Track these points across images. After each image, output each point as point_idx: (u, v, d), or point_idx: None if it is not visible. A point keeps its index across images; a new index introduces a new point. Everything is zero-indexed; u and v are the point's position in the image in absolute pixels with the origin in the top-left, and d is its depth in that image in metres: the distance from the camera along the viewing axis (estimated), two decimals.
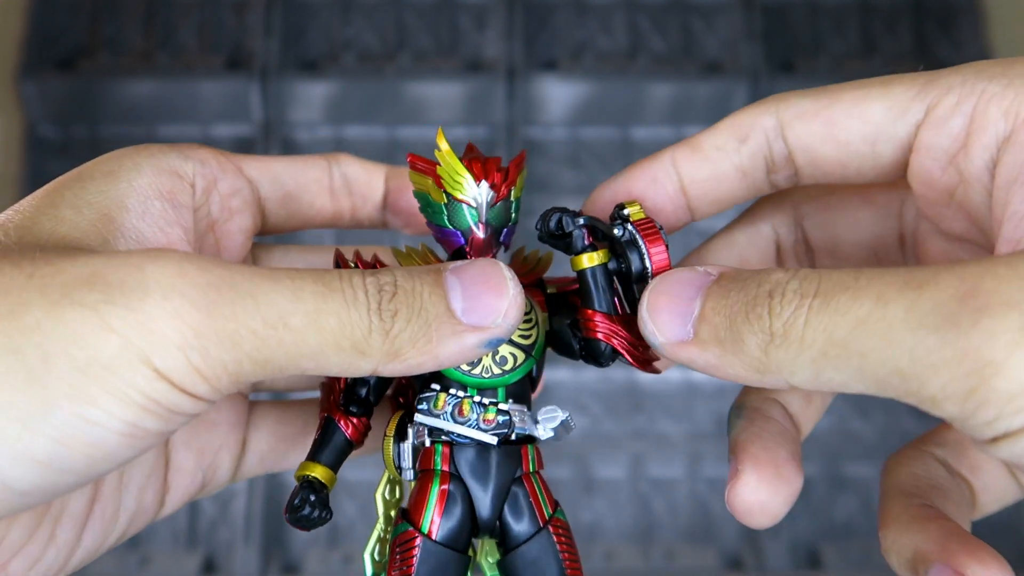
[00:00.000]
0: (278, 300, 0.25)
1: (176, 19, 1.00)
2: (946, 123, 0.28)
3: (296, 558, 0.89)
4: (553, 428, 0.31)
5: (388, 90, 0.96)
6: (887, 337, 0.22)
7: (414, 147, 0.99)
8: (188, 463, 0.33)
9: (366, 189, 0.36)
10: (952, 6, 1.01)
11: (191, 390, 0.24)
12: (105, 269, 0.24)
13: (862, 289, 0.23)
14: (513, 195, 0.31)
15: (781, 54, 1.00)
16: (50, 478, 0.23)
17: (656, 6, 1.02)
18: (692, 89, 0.97)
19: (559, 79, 0.97)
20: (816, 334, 0.24)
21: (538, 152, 0.99)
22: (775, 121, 0.31)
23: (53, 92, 0.96)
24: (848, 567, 0.88)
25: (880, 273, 0.23)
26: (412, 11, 1.01)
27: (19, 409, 0.23)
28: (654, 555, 0.88)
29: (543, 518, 0.30)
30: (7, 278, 0.24)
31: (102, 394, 0.23)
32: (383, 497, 0.32)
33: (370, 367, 0.26)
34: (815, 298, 0.24)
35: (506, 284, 0.28)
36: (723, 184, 0.32)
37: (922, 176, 0.29)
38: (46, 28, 0.98)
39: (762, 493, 0.29)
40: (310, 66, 0.98)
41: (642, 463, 0.92)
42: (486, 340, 0.27)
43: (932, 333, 0.21)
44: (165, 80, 0.96)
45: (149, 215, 0.29)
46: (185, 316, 0.23)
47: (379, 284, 0.26)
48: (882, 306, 0.22)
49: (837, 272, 0.24)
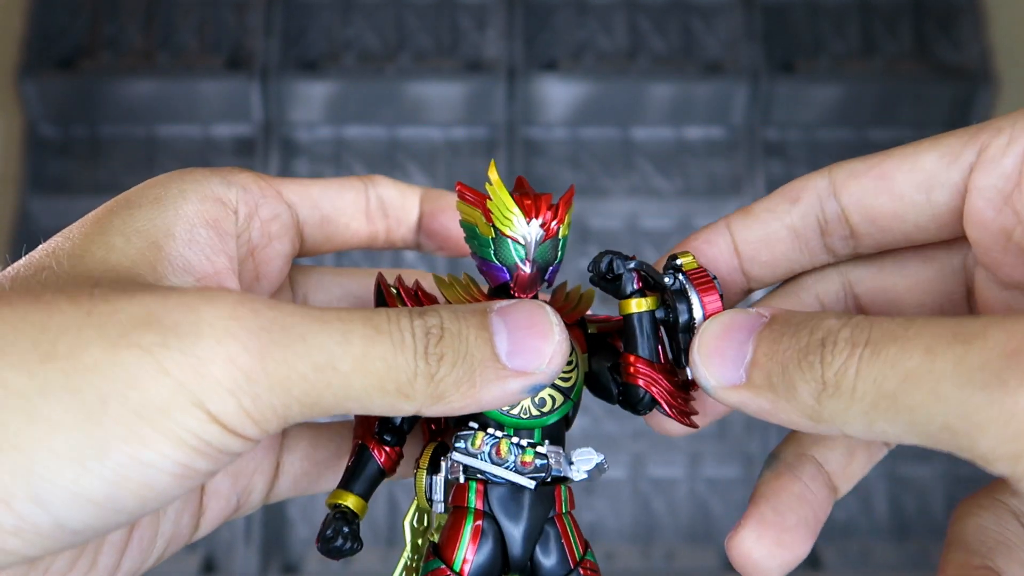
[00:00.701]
0: (327, 344, 0.25)
1: (176, 19, 1.00)
2: (998, 163, 0.28)
3: (296, 558, 0.89)
4: (587, 471, 0.31)
5: (388, 90, 0.96)
6: (935, 392, 0.22)
7: (414, 147, 0.99)
8: (224, 487, 0.34)
9: (401, 212, 0.36)
10: (952, 6, 1.01)
11: (241, 432, 0.24)
12: (161, 310, 0.24)
13: (911, 340, 0.23)
14: (561, 233, 0.31)
15: (781, 54, 1.00)
16: (103, 518, 0.24)
17: (656, 6, 1.02)
18: (692, 89, 0.97)
19: (559, 79, 0.97)
20: (867, 386, 0.23)
21: (538, 152, 0.99)
22: (827, 182, 0.31)
23: (53, 92, 0.96)
24: (848, 567, 0.88)
25: (931, 323, 0.23)
26: (412, 11, 1.01)
27: (77, 450, 0.23)
28: (654, 555, 0.88)
29: (574, 559, 0.30)
30: (65, 316, 0.24)
31: (156, 436, 0.23)
32: (411, 525, 0.32)
33: (413, 408, 0.26)
34: (866, 347, 0.24)
35: (552, 329, 0.28)
36: (776, 246, 0.32)
37: (976, 219, 0.29)
38: (46, 28, 0.98)
39: (757, 553, 0.29)
40: (310, 66, 0.98)
41: (642, 463, 0.92)
42: (529, 386, 0.27)
43: (980, 391, 0.21)
44: (165, 80, 0.96)
45: (195, 243, 0.30)
46: (237, 360, 0.24)
47: (427, 327, 0.26)
48: (931, 359, 0.22)
49: (888, 320, 0.24)
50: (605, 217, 0.96)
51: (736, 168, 0.98)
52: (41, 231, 0.95)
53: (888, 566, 0.88)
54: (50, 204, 0.95)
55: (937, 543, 0.90)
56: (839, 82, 0.97)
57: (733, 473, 0.92)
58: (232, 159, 0.98)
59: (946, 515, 0.92)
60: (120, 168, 0.97)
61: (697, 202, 0.97)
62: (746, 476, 0.91)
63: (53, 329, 0.24)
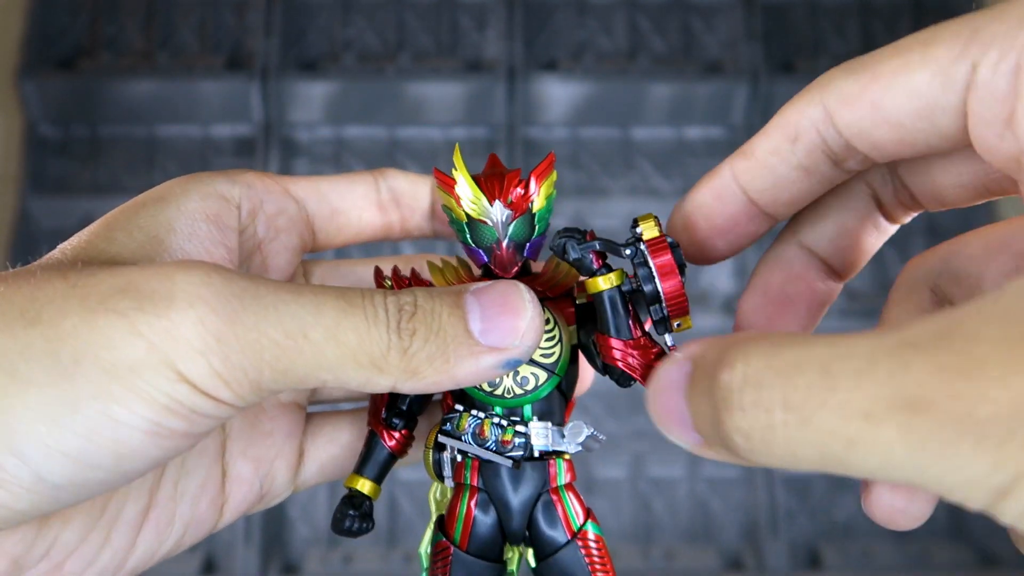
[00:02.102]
0: (299, 313, 0.26)
1: (176, 19, 1.00)
2: (991, 85, 0.25)
3: (296, 558, 0.89)
4: (579, 443, 0.31)
5: (388, 90, 0.96)
6: (889, 461, 0.21)
7: (414, 147, 0.99)
8: (246, 472, 0.34)
9: (412, 201, 0.37)
10: (952, 6, 1.01)
11: (213, 393, 0.25)
12: (139, 279, 0.26)
13: (842, 405, 0.21)
14: (536, 207, 0.31)
15: (781, 54, 1.00)
16: (81, 473, 0.25)
17: (656, 6, 1.02)
18: (692, 89, 0.97)
19: (559, 79, 0.97)
20: (806, 451, 0.22)
21: (538, 152, 0.99)
22: (822, 111, 0.29)
23: (53, 92, 0.96)
24: (848, 567, 0.88)
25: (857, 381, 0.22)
26: (412, 11, 1.01)
27: (50, 406, 0.24)
28: (654, 555, 0.88)
29: (571, 531, 0.31)
30: (52, 288, 0.26)
31: (125, 393, 0.25)
32: (434, 498, 0.34)
33: (388, 383, 0.27)
34: (786, 413, 0.22)
35: (525, 306, 0.29)
36: (791, 187, 0.31)
37: (982, 143, 0.27)
38: (46, 28, 0.98)
39: (898, 500, 0.28)
40: (310, 66, 0.98)
41: (642, 463, 0.92)
42: (503, 361, 0.28)
43: (936, 462, 0.21)
44: (165, 80, 0.96)
45: (196, 237, 0.31)
46: (208, 323, 0.25)
47: (399, 303, 0.27)
48: (873, 428, 0.21)
49: (802, 378, 0.22)
50: (605, 217, 0.96)
51: None
52: (41, 231, 0.95)
53: (888, 566, 0.88)
54: (50, 204, 0.95)
55: (937, 543, 0.90)
56: None
57: (733, 473, 0.92)
58: (232, 159, 0.98)
59: (946, 515, 0.92)
60: (120, 168, 0.97)
61: None
62: (746, 476, 0.91)
63: (40, 299, 0.25)
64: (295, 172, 0.98)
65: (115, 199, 0.94)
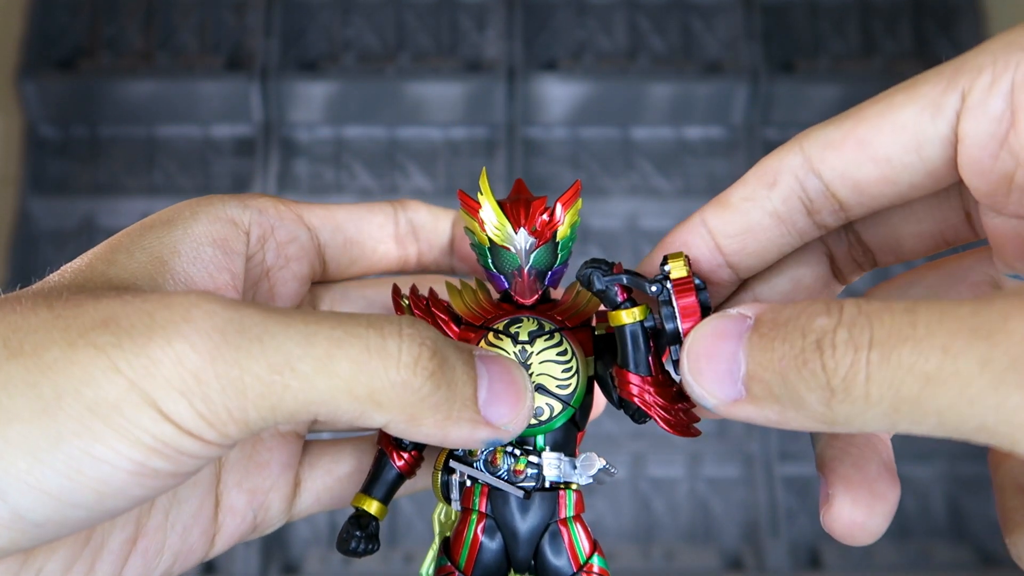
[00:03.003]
0: (286, 344, 0.24)
1: (176, 19, 1.00)
2: (986, 106, 0.26)
3: (296, 558, 0.89)
4: (591, 476, 0.31)
5: (388, 90, 0.96)
6: (965, 395, 0.21)
7: (414, 147, 0.99)
8: (240, 504, 0.33)
9: (432, 235, 0.36)
10: (952, 6, 1.01)
11: (197, 433, 0.24)
12: (120, 312, 0.25)
13: (923, 340, 0.21)
14: (560, 235, 0.31)
15: (781, 54, 1.00)
16: (61, 511, 0.24)
17: (656, 6, 1.02)
18: (692, 89, 0.97)
19: (559, 79, 0.97)
20: (882, 391, 0.22)
21: (538, 152, 0.99)
22: (801, 158, 0.29)
23: (53, 92, 0.96)
24: (848, 567, 0.88)
25: (939, 317, 0.21)
26: (412, 11, 1.01)
27: (31, 442, 0.23)
28: (654, 555, 0.88)
29: (576, 563, 0.31)
30: (37, 317, 0.25)
31: (108, 432, 0.24)
32: (439, 519, 0.34)
33: (383, 420, 0.26)
34: (871, 350, 0.22)
35: (527, 392, 0.28)
36: (760, 235, 0.30)
37: (973, 168, 0.26)
38: (46, 28, 0.98)
39: (858, 514, 0.28)
40: (310, 66, 0.98)
41: (642, 463, 0.92)
42: (493, 439, 0.27)
43: (1015, 391, 0.20)
44: (165, 80, 0.96)
45: (200, 261, 0.30)
46: (186, 362, 0.24)
47: (420, 337, 0.26)
48: (952, 361, 0.21)
49: (888, 316, 0.22)
50: (605, 217, 0.96)
51: (736, 168, 0.98)
52: (41, 231, 0.95)
53: (888, 566, 0.88)
54: (50, 204, 0.95)
55: (937, 543, 0.90)
56: (839, 82, 0.97)
57: (733, 473, 0.92)
58: (232, 159, 0.98)
59: (946, 515, 0.92)
60: (120, 168, 0.97)
61: (697, 202, 0.97)
62: (746, 476, 0.91)
63: (24, 329, 0.24)
64: (295, 172, 0.98)
65: (115, 199, 0.95)
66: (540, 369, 0.31)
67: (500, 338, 0.31)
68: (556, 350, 0.31)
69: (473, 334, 0.31)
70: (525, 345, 0.31)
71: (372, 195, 0.96)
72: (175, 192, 0.96)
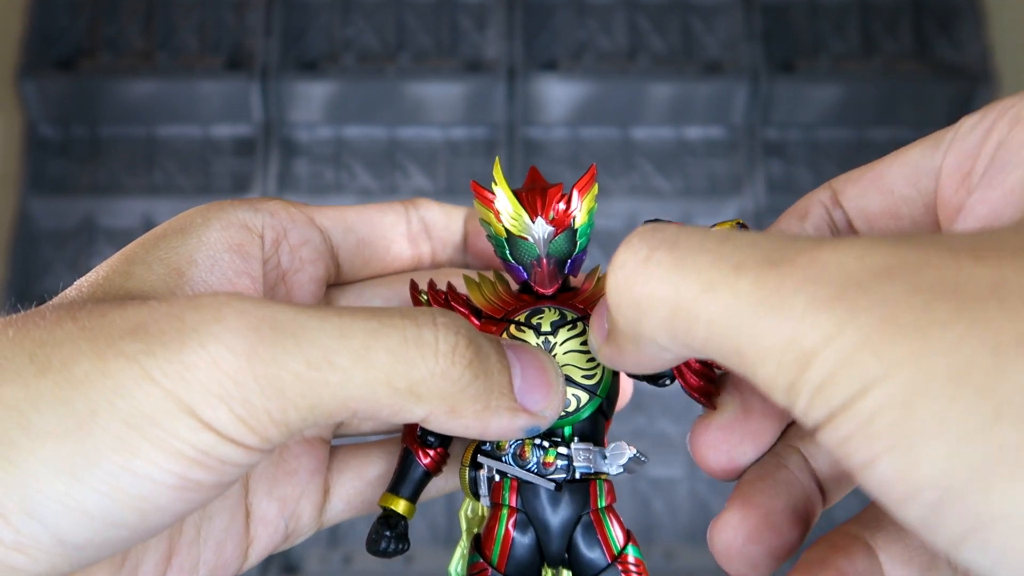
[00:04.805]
0: (321, 338, 0.24)
1: (176, 19, 1.00)
2: (963, 142, 0.27)
3: (296, 558, 0.89)
4: (622, 465, 0.30)
5: (388, 90, 0.96)
6: (731, 309, 0.20)
7: (414, 147, 0.99)
8: (271, 513, 0.33)
9: (445, 233, 0.36)
10: (952, 6, 1.01)
11: (239, 440, 0.23)
12: (148, 319, 0.24)
13: (723, 256, 0.21)
14: (578, 223, 0.30)
15: (781, 54, 1.00)
16: (103, 532, 0.23)
17: (656, 6, 1.02)
18: (692, 89, 0.97)
19: (559, 79, 0.97)
20: (665, 292, 0.22)
21: (538, 152, 0.99)
22: (829, 192, 0.30)
23: (53, 92, 0.96)
24: None
25: (752, 241, 0.21)
26: (412, 11, 1.01)
27: (67, 461, 0.22)
28: (654, 555, 0.88)
29: (611, 554, 0.30)
30: (62, 331, 0.24)
31: (147, 446, 0.23)
32: (466, 515, 0.33)
33: (423, 413, 0.25)
34: (667, 252, 0.22)
35: (559, 377, 0.28)
36: None
37: (940, 201, 0.27)
38: (46, 28, 0.98)
39: (741, 537, 0.27)
40: (310, 66, 0.98)
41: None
42: (532, 426, 0.27)
43: (768, 315, 0.20)
44: (165, 80, 0.96)
45: (218, 267, 0.30)
46: (223, 364, 0.23)
47: (456, 327, 0.25)
48: (735, 276, 0.21)
49: (702, 234, 0.22)
50: (605, 217, 0.96)
51: (736, 168, 0.98)
52: (41, 231, 0.95)
53: None
54: (50, 204, 0.95)
55: None
56: (839, 82, 0.97)
57: None
58: (232, 159, 0.98)
59: None
60: (120, 168, 0.97)
61: (697, 202, 0.97)
62: None
63: (50, 343, 0.23)
64: (295, 172, 0.98)
65: (115, 199, 0.95)
66: (565, 360, 0.30)
67: (522, 330, 0.31)
68: (580, 339, 0.30)
69: (494, 327, 0.31)
70: (548, 336, 0.30)
71: (372, 195, 0.96)
72: (175, 192, 0.96)
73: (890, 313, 0.18)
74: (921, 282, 0.19)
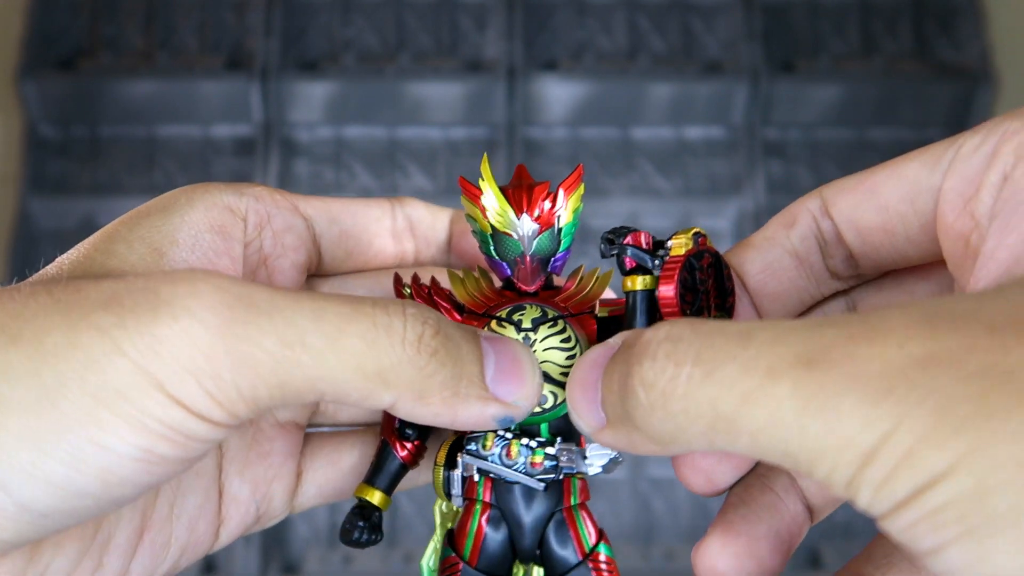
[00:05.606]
0: (297, 319, 0.24)
1: (176, 19, 1.00)
2: (965, 165, 0.26)
3: (296, 558, 0.89)
4: (602, 466, 0.31)
5: (388, 90, 0.96)
6: (775, 417, 0.20)
7: (414, 147, 0.99)
8: (243, 494, 0.33)
9: (430, 232, 0.36)
10: (952, 6, 1.01)
11: (207, 415, 0.24)
12: (123, 292, 0.24)
13: (750, 361, 0.21)
14: (563, 221, 0.31)
15: (781, 54, 1.00)
16: (68, 501, 0.23)
17: (656, 6, 1.02)
18: (692, 89, 0.97)
19: (559, 79, 0.97)
20: (701, 407, 0.22)
21: (538, 152, 0.99)
22: (819, 200, 0.30)
23: (53, 92, 0.96)
24: None
25: (772, 339, 0.21)
26: (412, 11, 1.01)
27: (33, 433, 0.23)
28: (654, 555, 0.88)
29: (582, 551, 0.31)
30: (37, 303, 0.24)
31: (114, 419, 0.23)
32: (440, 510, 0.33)
33: (390, 400, 0.25)
34: (694, 366, 0.22)
35: (534, 368, 0.28)
36: (780, 274, 0.31)
37: (941, 225, 0.27)
38: (46, 28, 0.98)
39: (723, 562, 0.27)
40: (310, 66, 0.98)
41: (642, 463, 0.92)
42: (504, 416, 0.27)
43: (815, 418, 0.20)
44: (165, 80, 0.96)
45: (199, 248, 0.30)
46: (196, 338, 0.23)
47: (422, 317, 0.26)
48: (772, 382, 0.21)
49: (721, 336, 0.22)
50: (605, 217, 0.96)
51: (736, 168, 0.98)
52: (41, 231, 0.95)
53: None
54: (50, 204, 0.95)
55: None
56: (839, 82, 0.97)
57: None
58: (232, 159, 0.98)
59: None
60: (120, 168, 0.97)
61: (697, 202, 0.97)
62: None
63: (23, 316, 0.24)
64: (295, 172, 0.98)
65: (115, 199, 0.95)
66: (544, 356, 0.30)
67: (503, 326, 0.31)
68: (559, 337, 0.31)
69: (476, 322, 0.31)
70: (528, 332, 0.31)
71: (372, 195, 0.96)
72: None
73: (945, 405, 0.18)
74: (971, 370, 0.19)
